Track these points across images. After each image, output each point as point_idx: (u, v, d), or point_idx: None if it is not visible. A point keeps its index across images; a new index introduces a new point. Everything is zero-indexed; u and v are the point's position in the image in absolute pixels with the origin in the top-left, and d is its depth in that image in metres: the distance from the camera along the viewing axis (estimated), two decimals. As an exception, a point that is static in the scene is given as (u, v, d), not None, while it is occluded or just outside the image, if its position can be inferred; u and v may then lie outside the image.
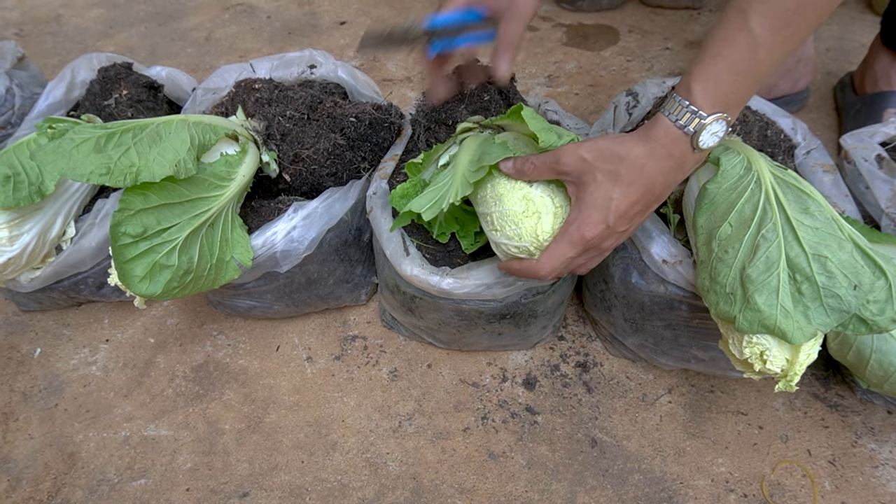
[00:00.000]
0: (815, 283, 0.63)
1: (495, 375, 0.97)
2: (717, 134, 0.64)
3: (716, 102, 0.63)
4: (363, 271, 1.03)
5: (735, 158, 0.74)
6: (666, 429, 0.89)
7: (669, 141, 0.64)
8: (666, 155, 0.65)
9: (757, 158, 0.74)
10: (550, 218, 0.70)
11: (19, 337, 1.08)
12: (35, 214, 0.92)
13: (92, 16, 2.14)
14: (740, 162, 0.74)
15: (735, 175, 0.73)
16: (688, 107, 0.63)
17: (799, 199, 0.68)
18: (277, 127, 0.94)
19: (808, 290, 0.63)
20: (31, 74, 1.32)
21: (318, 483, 0.85)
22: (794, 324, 0.62)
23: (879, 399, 0.88)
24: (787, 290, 0.64)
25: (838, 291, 0.62)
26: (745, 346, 0.67)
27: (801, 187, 0.69)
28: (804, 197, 0.68)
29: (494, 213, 0.73)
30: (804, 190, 0.69)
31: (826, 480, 0.82)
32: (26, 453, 0.91)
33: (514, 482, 0.84)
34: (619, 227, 0.67)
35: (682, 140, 0.64)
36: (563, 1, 1.91)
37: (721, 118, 0.63)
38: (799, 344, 0.63)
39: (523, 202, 0.70)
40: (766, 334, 0.65)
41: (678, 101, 0.64)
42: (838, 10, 1.75)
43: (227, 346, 1.04)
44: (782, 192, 0.68)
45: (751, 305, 0.64)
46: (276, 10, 2.09)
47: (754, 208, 0.68)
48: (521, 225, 0.70)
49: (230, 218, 0.86)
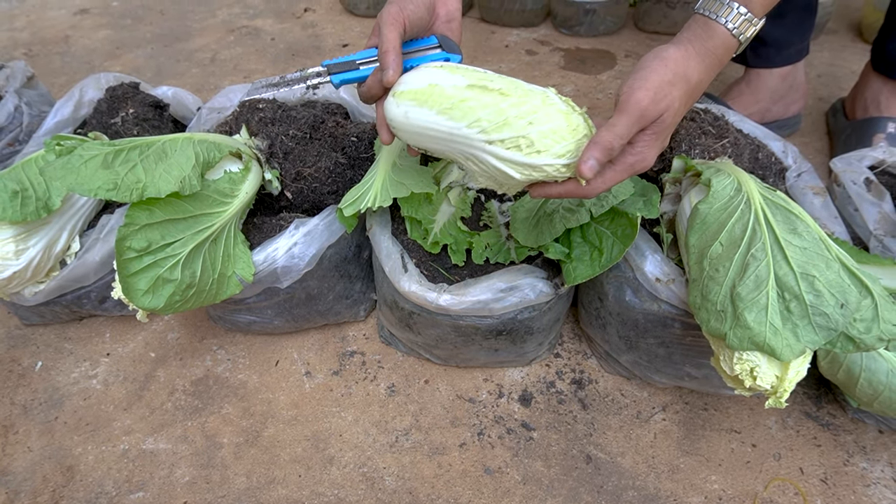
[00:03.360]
0: (804, 302, 0.64)
1: (492, 391, 0.98)
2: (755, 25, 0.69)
3: (766, 5, 0.68)
4: (362, 288, 1.05)
5: (726, 180, 0.77)
6: (660, 446, 0.90)
7: (723, 51, 0.68)
8: (718, 64, 0.69)
9: (747, 180, 0.76)
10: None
11: (21, 350, 1.09)
12: (41, 229, 0.94)
13: (99, 37, 2.18)
14: (731, 183, 0.76)
15: (726, 196, 0.75)
16: (745, 14, 0.67)
17: (787, 220, 0.70)
18: (280, 146, 0.96)
19: (796, 308, 0.64)
20: (39, 93, 1.35)
21: (315, 497, 0.86)
22: (782, 341, 0.64)
23: (871, 418, 0.89)
24: (777, 307, 0.65)
25: (826, 310, 0.64)
26: (736, 363, 0.68)
27: (790, 208, 0.72)
28: (792, 217, 0.70)
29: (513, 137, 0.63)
30: (792, 211, 0.71)
31: (818, 499, 0.83)
32: (25, 466, 0.92)
33: (509, 497, 0.85)
34: (665, 100, 0.64)
35: (734, 46, 0.69)
36: (562, 26, 1.95)
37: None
38: (788, 361, 0.65)
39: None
40: (755, 351, 0.66)
41: (735, 9, 0.67)
42: (829, 38, 1.79)
43: (227, 361, 1.05)
44: (771, 213, 0.70)
45: (741, 323, 0.65)
46: (280, 33, 2.13)
47: (744, 228, 0.70)
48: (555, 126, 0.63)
49: (233, 234, 0.88)
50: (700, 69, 0.68)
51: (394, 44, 0.68)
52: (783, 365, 0.66)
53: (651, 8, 1.88)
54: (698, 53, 0.68)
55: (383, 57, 0.68)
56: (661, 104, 0.64)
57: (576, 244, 0.83)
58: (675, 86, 0.66)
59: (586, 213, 0.81)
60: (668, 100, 0.65)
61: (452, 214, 0.89)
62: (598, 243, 0.81)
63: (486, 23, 2.08)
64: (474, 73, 0.67)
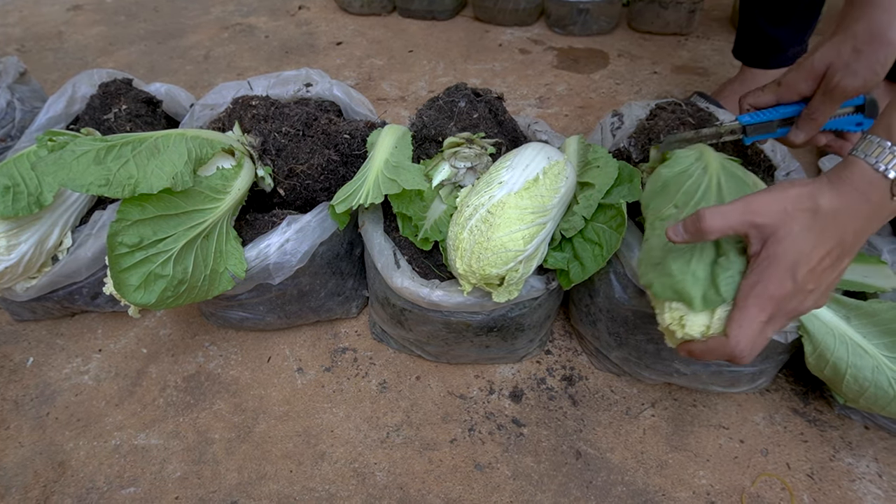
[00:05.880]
0: (731, 259, 0.65)
1: (482, 388, 0.98)
2: None
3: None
4: (354, 284, 1.05)
5: (689, 151, 0.81)
6: (649, 442, 0.91)
7: (866, 185, 0.58)
8: (861, 200, 0.58)
9: (708, 149, 0.80)
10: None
11: (12, 346, 1.09)
12: (33, 225, 0.94)
13: (93, 33, 2.18)
14: (693, 153, 0.80)
15: (687, 162, 0.78)
16: (890, 148, 0.57)
17: (739, 188, 0.73)
18: (273, 142, 0.97)
19: (724, 262, 0.65)
20: (32, 89, 1.35)
21: (306, 492, 0.86)
22: (700, 291, 0.64)
23: (857, 414, 0.90)
24: (707, 261, 0.66)
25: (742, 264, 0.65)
26: (667, 312, 0.68)
27: (745, 179, 0.74)
28: (744, 186, 0.73)
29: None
30: (746, 181, 0.74)
31: (805, 493, 0.84)
32: (16, 461, 0.92)
33: (499, 493, 0.85)
34: (806, 284, 0.59)
35: (882, 184, 0.57)
36: (555, 25, 1.96)
37: None
38: (699, 311, 0.65)
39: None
40: (677, 300, 0.66)
41: (877, 143, 0.58)
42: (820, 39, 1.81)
43: (219, 357, 1.05)
44: (725, 179, 0.73)
45: (665, 271, 0.67)
46: (274, 30, 2.13)
47: (695, 190, 0.73)
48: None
49: (225, 230, 0.88)
50: (832, 197, 0.59)
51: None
52: (710, 314, 0.65)
53: (644, 8, 1.90)
54: (830, 182, 0.60)
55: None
56: (792, 292, 0.59)
57: (578, 246, 0.84)
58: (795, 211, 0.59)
59: (580, 219, 0.82)
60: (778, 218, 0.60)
61: (444, 211, 0.89)
62: (597, 239, 0.82)
63: (480, 21, 2.09)
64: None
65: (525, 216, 0.75)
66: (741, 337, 0.60)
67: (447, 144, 0.90)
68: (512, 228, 0.74)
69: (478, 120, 0.95)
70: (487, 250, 0.73)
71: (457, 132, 0.92)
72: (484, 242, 0.74)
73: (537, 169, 0.79)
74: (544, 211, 0.77)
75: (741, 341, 0.60)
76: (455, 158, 0.90)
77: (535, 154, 0.81)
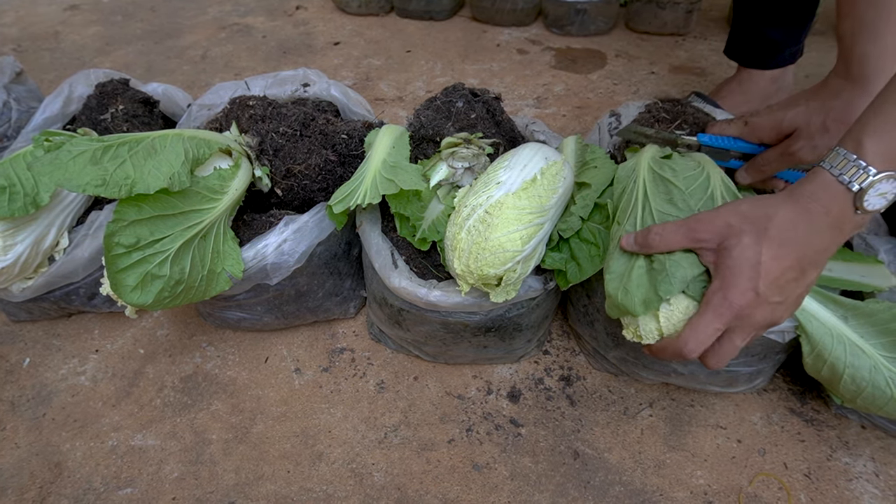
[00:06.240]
0: (664, 263, 0.67)
1: (480, 388, 0.98)
2: (885, 196, 0.57)
3: (890, 159, 0.56)
4: (352, 285, 1.05)
5: (630, 160, 0.84)
6: (647, 442, 0.91)
7: (828, 197, 0.58)
8: (822, 212, 0.58)
9: (643, 153, 0.83)
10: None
11: (8, 347, 1.09)
12: (29, 225, 0.93)
13: (90, 33, 2.17)
14: (630, 163, 0.83)
15: (623, 173, 0.83)
16: (855, 161, 0.57)
17: (666, 191, 0.75)
18: (270, 143, 0.97)
19: (658, 266, 0.67)
20: (28, 89, 1.35)
21: (303, 493, 0.86)
22: (633, 299, 0.67)
23: (854, 414, 0.91)
24: (641, 271, 0.69)
25: (683, 263, 0.66)
26: (625, 329, 0.72)
27: (673, 180, 0.76)
28: (671, 188, 0.75)
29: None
30: (674, 182, 0.75)
31: (802, 493, 0.84)
32: (12, 462, 0.92)
33: (497, 493, 0.85)
34: (771, 296, 0.59)
35: (844, 197, 0.58)
36: (553, 25, 1.96)
37: (893, 177, 0.56)
38: (642, 314, 0.68)
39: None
40: (625, 314, 0.70)
41: (843, 155, 0.58)
42: (817, 38, 1.81)
43: (217, 358, 1.05)
44: (652, 187, 0.76)
45: (607, 292, 0.71)
46: (271, 30, 2.13)
47: (627, 203, 0.77)
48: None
49: (222, 230, 0.88)
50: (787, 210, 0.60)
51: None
52: (653, 317, 0.68)
53: (642, 8, 1.90)
54: (789, 194, 0.62)
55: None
56: (755, 302, 0.60)
57: (575, 247, 0.84)
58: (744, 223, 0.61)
59: (577, 219, 0.82)
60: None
61: (441, 212, 0.89)
62: (593, 239, 0.82)
63: (478, 22, 2.09)
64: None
65: (523, 216, 0.75)
66: (690, 337, 0.62)
67: (445, 144, 0.90)
68: (510, 229, 0.74)
69: (475, 120, 0.95)
70: (485, 250, 0.73)
71: (454, 132, 0.92)
72: (482, 243, 0.74)
73: (535, 169, 0.79)
74: (542, 211, 0.77)
75: (689, 341, 0.62)
76: (453, 158, 0.90)
77: (533, 154, 0.81)
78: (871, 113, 0.59)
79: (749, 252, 0.59)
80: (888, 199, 0.58)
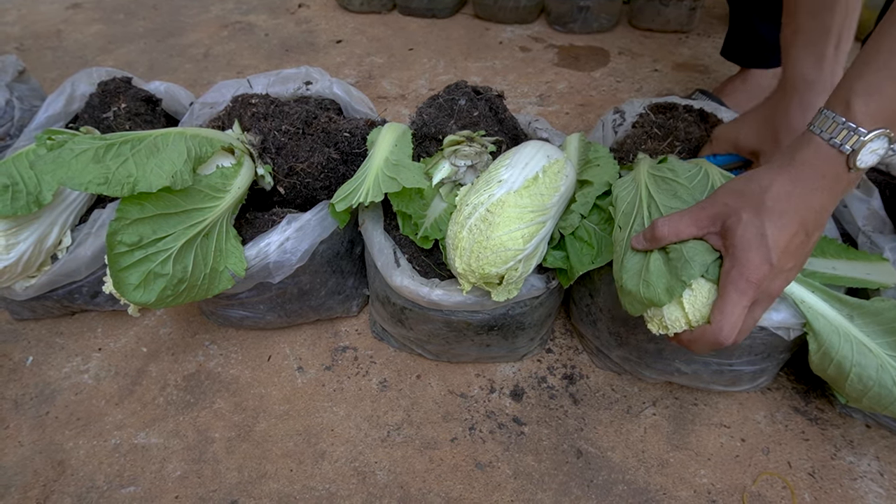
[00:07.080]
0: (681, 250, 0.67)
1: (483, 387, 0.98)
2: (877, 152, 0.58)
3: (878, 118, 0.57)
4: (355, 283, 1.05)
5: (627, 176, 0.85)
6: (650, 440, 0.90)
7: (821, 161, 0.59)
8: (816, 176, 0.60)
9: (637, 165, 0.84)
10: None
11: (11, 345, 1.09)
12: (32, 224, 0.93)
13: (92, 31, 2.17)
14: (631, 174, 0.84)
15: (625, 182, 0.83)
16: (844, 123, 0.58)
17: (670, 188, 0.75)
18: (273, 141, 0.96)
19: (675, 255, 0.67)
20: (31, 87, 1.35)
21: (306, 491, 0.86)
22: (655, 289, 0.67)
23: (858, 413, 0.90)
24: (658, 263, 0.68)
25: (699, 248, 0.67)
26: (649, 323, 0.71)
27: (675, 178, 0.76)
28: (675, 185, 0.75)
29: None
30: (677, 180, 0.76)
31: (806, 492, 0.84)
32: (16, 461, 0.92)
33: (500, 492, 0.85)
34: (785, 264, 0.61)
35: (837, 160, 0.59)
36: (555, 23, 1.96)
37: (883, 134, 0.58)
38: (668, 302, 0.67)
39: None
40: (649, 306, 0.70)
41: (832, 119, 0.59)
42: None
43: (219, 356, 1.05)
44: (655, 188, 0.77)
45: (624, 291, 0.71)
46: (274, 28, 2.13)
47: (631, 206, 0.77)
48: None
49: (225, 229, 0.88)
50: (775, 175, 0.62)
51: None
52: (678, 305, 0.67)
53: (644, 5, 1.89)
54: (780, 165, 0.63)
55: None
56: (772, 273, 0.62)
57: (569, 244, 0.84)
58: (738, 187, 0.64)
59: (577, 217, 0.82)
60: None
61: (444, 210, 0.89)
62: (587, 238, 0.82)
63: (480, 19, 2.08)
64: None
65: (524, 215, 0.75)
66: (724, 322, 0.62)
67: (447, 142, 0.90)
68: (511, 227, 0.73)
69: (478, 118, 0.94)
70: (486, 249, 0.73)
71: (457, 130, 0.92)
72: (483, 241, 0.73)
73: (537, 167, 0.78)
74: (544, 210, 0.76)
75: (724, 327, 0.62)
76: (455, 156, 0.90)
77: (535, 152, 0.81)
78: (856, 74, 0.59)
79: (751, 228, 0.60)
80: (880, 154, 0.59)
